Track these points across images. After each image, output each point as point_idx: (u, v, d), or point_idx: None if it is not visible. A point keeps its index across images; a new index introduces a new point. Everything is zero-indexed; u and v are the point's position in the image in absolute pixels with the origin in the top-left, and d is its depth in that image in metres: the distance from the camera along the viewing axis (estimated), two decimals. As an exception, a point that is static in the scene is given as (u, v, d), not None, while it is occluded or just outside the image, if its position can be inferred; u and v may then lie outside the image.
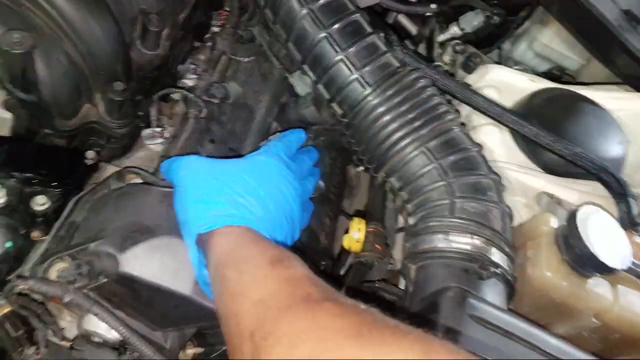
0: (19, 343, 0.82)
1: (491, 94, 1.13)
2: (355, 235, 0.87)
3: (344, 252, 1.05)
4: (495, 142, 1.07)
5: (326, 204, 1.08)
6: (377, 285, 0.93)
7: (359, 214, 1.14)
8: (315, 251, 0.98)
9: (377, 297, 0.93)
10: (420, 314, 0.79)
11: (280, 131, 1.04)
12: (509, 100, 1.12)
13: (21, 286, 0.72)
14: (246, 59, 1.09)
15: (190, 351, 0.89)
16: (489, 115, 1.02)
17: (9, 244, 0.78)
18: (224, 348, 0.89)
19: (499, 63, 1.40)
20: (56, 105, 0.86)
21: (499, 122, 1.01)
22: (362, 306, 0.52)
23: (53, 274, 0.76)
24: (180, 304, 0.76)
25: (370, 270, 0.94)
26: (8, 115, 0.93)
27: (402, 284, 0.96)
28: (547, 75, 1.36)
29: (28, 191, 0.81)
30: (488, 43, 1.42)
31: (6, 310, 0.83)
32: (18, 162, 0.83)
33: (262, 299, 0.56)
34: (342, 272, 1.05)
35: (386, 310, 0.51)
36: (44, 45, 0.82)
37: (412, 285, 0.84)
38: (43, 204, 0.81)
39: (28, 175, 0.81)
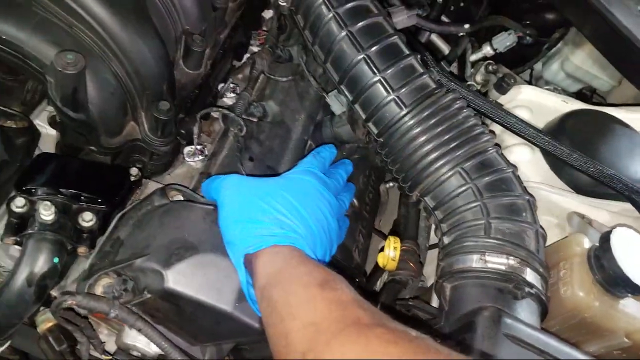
0: (62, 357, 0.84)
1: (523, 114, 1.14)
2: (390, 253, 0.88)
3: (378, 269, 1.06)
4: (527, 162, 1.08)
5: (359, 221, 1.10)
6: (410, 303, 0.93)
7: (394, 232, 1.15)
8: (348, 268, 0.98)
9: (411, 317, 0.94)
10: (455, 333, 0.80)
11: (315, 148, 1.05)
12: (541, 121, 1.13)
13: (69, 302, 0.74)
14: (284, 79, 1.11)
15: (228, 366, 0.90)
16: (521, 135, 1.03)
17: (56, 260, 0.80)
18: (259, 364, 0.90)
19: (530, 83, 1.40)
20: (103, 124, 0.89)
21: (531, 142, 1.02)
22: (413, 333, 0.53)
23: (99, 289, 0.77)
24: (222, 319, 0.77)
25: (404, 288, 0.95)
26: (53, 132, 0.96)
27: (433, 301, 0.96)
28: (577, 95, 1.36)
29: (75, 208, 0.84)
30: (520, 63, 1.43)
31: (50, 324, 0.85)
32: (65, 179, 0.85)
33: (312, 321, 0.57)
34: (375, 289, 1.05)
35: (419, 328, 0.53)
36: (93, 65, 0.85)
37: (447, 304, 0.85)
38: (90, 220, 0.84)
39: (75, 192, 0.84)
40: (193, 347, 0.86)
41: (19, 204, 0.78)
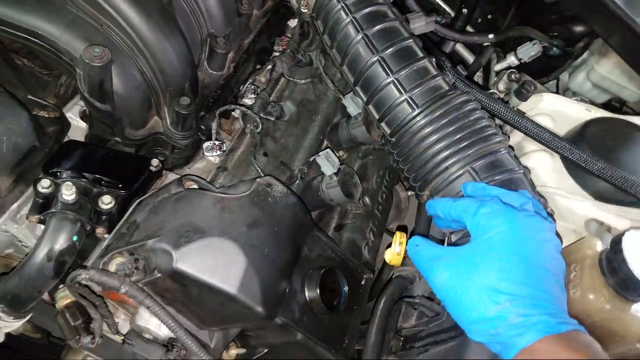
0: (76, 332, 0.87)
1: (545, 121, 1.13)
2: (396, 248, 0.89)
3: (387, 267, 1.06)
4: (546, 168, 1.06)
5: (371, 219, 1.11)
6: (417, 300, 0.93)
7: (401, 228, 1.15)
8: (356, 264, 0.99)
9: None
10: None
11: (330, 148, 1.08)
12: (563, 129, 1.12)
13: (82, 275, 0.77)
14: (302, 81, 1.15)
15: (233, 351, 0.92)
16: (539, 141, 1.02)
17: (75, 238, 0.85)
18: (265, 350, 0.91)
19: (557, 94, 1.39)
20: (128, 116, 0.95)
21: (550, 148, 1.01)
22: None
23: (112, 267, 0.81)
24: (226, 301, 0.79)
25: (411, 284, 0.95)
26: (83, 125, 1.03)
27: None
28: (607, 106, 1.34)
29: (96, 191, 0.89)
30: (546, 74, 1.42)
31: (68, 301, 0.90)
32: (89, 164, 0.91)
33: None
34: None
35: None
36: (120, 61, 0.91)
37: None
38: (109, 203, 0.89)
39: (97, 176, 0.89)
40: (201, 331, 0.88)
41: (44, 184, 0.84)
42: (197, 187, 0.93)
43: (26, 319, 0.91)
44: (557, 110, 1.17)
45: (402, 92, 0.95)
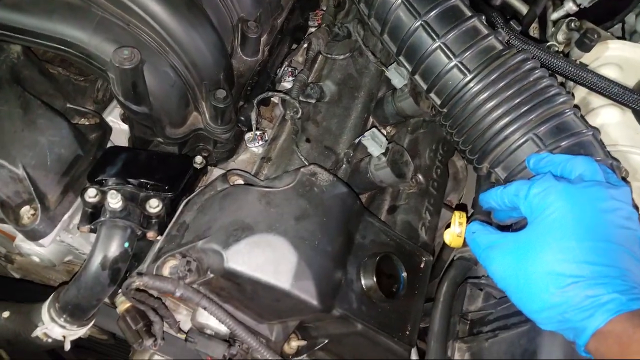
0: (138, 335, 0.88)
1: (611, 72, 1.03)
2: (456, 229, 0.83)
3: (447, 247, 1.01)
4: (617, 124, 0.98)
5: (426, 198, 1.05)
6: (483, 281, 0.88)
7: (460, 207, 1.08)
8: (413, 247, 0.94)
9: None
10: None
11: (375, 126, 1.02)
12: (633, 79, 1.01)
13: (137, 283, 0.77)
14: (341, 57, 1.09)
15: (295, 344, 0.91)
16: (607, 96, 0.93)
17: (127, 244, 0.85)
18: (325, 341, 0.89)
19: (622, 38, 1.26)
20: (166, 115, 0.93)
21: (620, 102, 0.92)
22: None
23: (166, 270, 0.80)
24: (281, 297, 0.78)
25: (475, 265, 0.89)
26: (125, 127, 1.02)
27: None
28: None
29: (143, 195, 0.88)
30: (609, 18, 1.29)
31: (127, 305, 0.91)
32: (132, 169, 0.90)
33: None
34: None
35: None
36: (151, 60, 0.89)
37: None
38: (156, 207, 0.88)
39: (142, 180, 0.88)
40: (260, 325, 0.87)
41: (91, 194, 0.84)
42: (242, 182, 0.91)
43: (89, 326, 0.93)
44: (625, 58, 1.07)
45: (451, 57, 0.88)
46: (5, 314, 0.95)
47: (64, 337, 0.91)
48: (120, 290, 0.89)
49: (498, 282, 0.68)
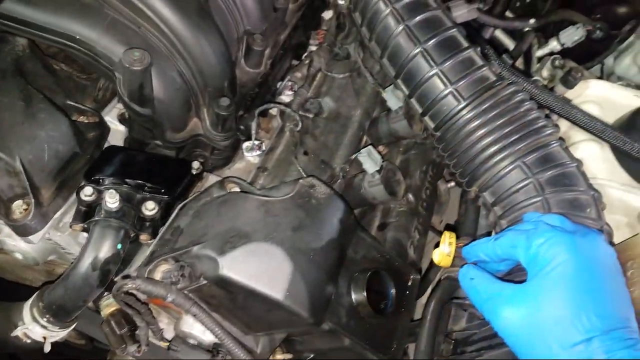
0: (122, 340, 0.87)
1: (592, 109, 1.08)
2: (445, 249, 0.85)
3: (433, 266, 1.03)
4: (596, 159, 1.02)
5: (415, 217, 1.08)
6: (467, 302, 0.90)
7: (450, 227, 1.12)
8: (402, 265, 0.97)
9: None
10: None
11: (371, 144, 1.05)
12: (611, 117, 1.07)
13: (129, 285, 0.76)
14: (341, 75, 1.12)
15: (280, 357, 0.90)
16: (589, 131, 0.98)
17: (119, 246, 0.84)
18: (311, 356, 0.90)
19: (601, 79, 1.33)
20: (168, 119, 0.93)
21: (600, 137, 0.97)
22: None
23: (158, 275, 0.80)
24: (273, 308, 0.77)
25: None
26: (122, 127, 1.02)
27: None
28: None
29: (139, 197, 0.88)
30: (589, 58, 1.36)
31: (113, 309, 0.89)
32: (130, 170, 0.89)
33: None
34: (430, 287, 1.03)
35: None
36: (160, 64, 0.89)
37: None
38: (152, 209, 0.87)
39: (140, 182, 0.88)
40: (247, 336, 0.87)
41: (87, 192, 0.83)
42: (239, 190, 0.92)
43: (71, 329, 0.91)
44: (604, 97, 1.12)
45: (447, 84, 0.92)
46: (-18, 313, 0.92)
47: (45, 338, 0.88)
48: (107, 293, 0.88)
49: (506, 337, 0.66)
